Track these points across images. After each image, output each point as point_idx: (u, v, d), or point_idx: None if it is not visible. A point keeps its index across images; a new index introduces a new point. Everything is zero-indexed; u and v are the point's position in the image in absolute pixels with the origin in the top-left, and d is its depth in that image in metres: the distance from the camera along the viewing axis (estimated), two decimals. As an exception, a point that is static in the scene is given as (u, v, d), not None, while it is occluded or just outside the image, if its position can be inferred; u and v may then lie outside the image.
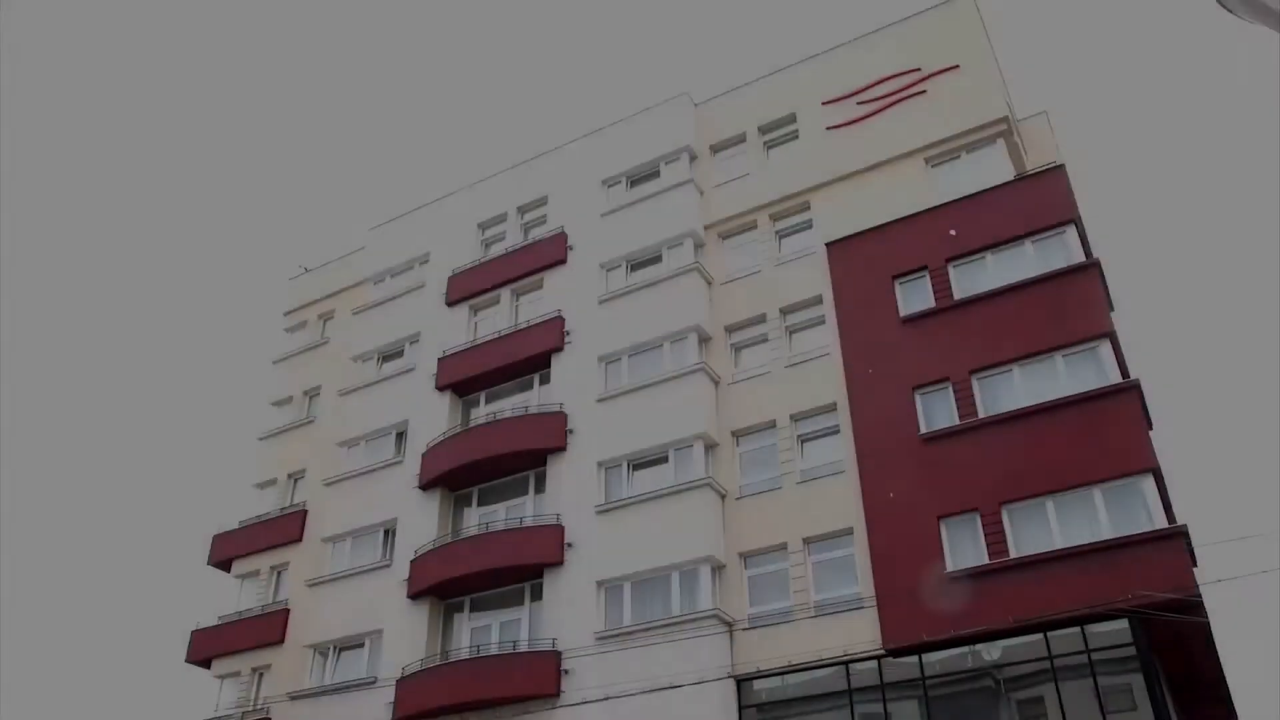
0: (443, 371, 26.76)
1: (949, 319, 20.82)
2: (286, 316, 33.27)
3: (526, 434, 24.21)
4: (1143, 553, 16.57)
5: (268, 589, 27.94)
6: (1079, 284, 19.76)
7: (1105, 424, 18.16)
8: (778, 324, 23.07)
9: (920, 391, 20.47)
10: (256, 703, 26.10)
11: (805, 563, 20.10)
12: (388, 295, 29.94)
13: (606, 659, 20.24)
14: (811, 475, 21.04)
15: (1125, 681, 16.73)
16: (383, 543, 25.65)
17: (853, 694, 18.65)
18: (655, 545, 21.15)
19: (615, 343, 24.41)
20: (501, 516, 24.37)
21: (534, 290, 27.18)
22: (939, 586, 18.10)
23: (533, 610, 22.70)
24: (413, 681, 22.24)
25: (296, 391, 31.12)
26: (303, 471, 29.27)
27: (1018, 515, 18.43)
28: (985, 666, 17.92)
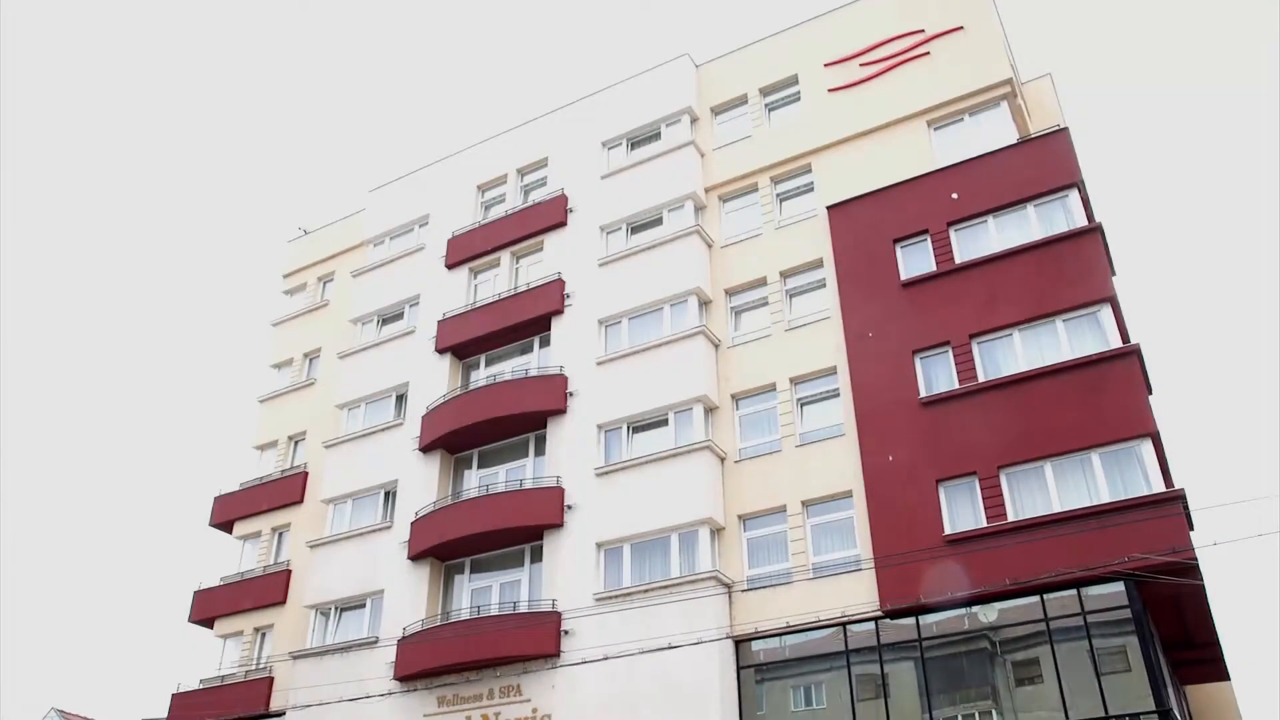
0: (442, 334, 26.76)
1: (950, 283, 20.79)
2: (285, 279, 33.21)
3: (526, 396, 24.25)
4: (1140, 516, 16.65)
5: (269, 550, 28.12)
6: (1081, 248, 19.70)
7: (1105, 389, 18.19)
8: (778, 287, 23.04)
9: (920, 355, 20.48)
10: (259, 662, 26.36)
11: (804, 525, 20.22)
12: (387, 257, 29.86)
13: (606, 620, 20.41)
14: (811, 438, 21.10)
15: (1120, 644, 16.88)
16: (383, 504, 25.78)
17: (850, 655, 18.83)
18: (655, 507, 21.26)
19: (615, 305, 24.39)
20: (501, 479, 24.47)
21: (534, 253, 27.10)
22: (937, 549, 18.21)
23: (533, 572, 22.86)
24: (414, 641, 22.44)
25: (296, 354, 31.13)
26: (303, 434, 29.36)
27: (1016, 479, 18.51)
28: (981, 629, 18.07)
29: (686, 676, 19.15)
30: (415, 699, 22.20)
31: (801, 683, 19.64)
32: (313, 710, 23.08)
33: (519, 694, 21.02)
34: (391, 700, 22.31)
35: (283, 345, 31.74)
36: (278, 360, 31.57)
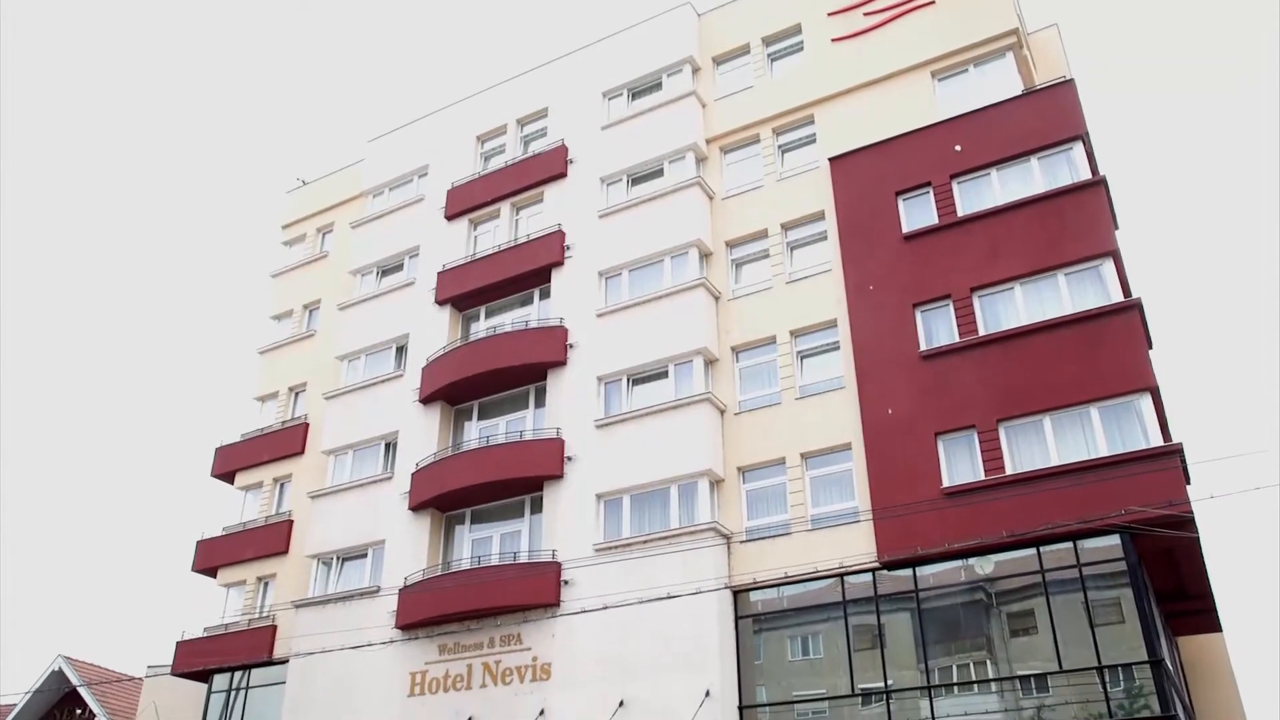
0: (442, 285, 26.69)
1: (952, 236, 20.69)
2: (284, 230, 33.03)
3: (526, 348, 24.26)
4: (1137, 470, 16.74)
5: (271, 500, 28.28)
6: (1084, 202, 19.59)
7: (1105, 343, 18.19)
8: (779, 239, 22.94)
9: (921, 308, 20.45)
10: (262, 610, 26.62)
11: (803, 477, 20.32)
12: (386, 209, 29.70)
13: (605, 570, 20.58)
14: (810, 391, 21.14)
15: (1114, 596, 17.05)
16: (384, 455, 25.88)
17: (847, 605, 19.02)
18: (654, 459, 21.35)
19: (615, 257, 24.30)
20: (502, 430, 24.55)
21: (534, 204, 26.95)
22: (935, 501, 18.32)
23: (533, 522, 23.01)
24: (415, 591, 22.66)
25: (296, 305, 31.07)
26: (304, 385, 29.40)
27: (1015, 432, 18.58)
28: (978, 580, 18.24)
29: (685, 627, 19.36)
30: (416, 647, 22.46)
31: (799, 633, 19.86)
32: (315, 658, 23.35)
33: (519, 643, 21.26)
34: (393, 648, 22.58)
35: (282, 297, 31.67)
36: (277, 312, 31.51)
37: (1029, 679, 17.28)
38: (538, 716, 20.10)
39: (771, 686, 19.39)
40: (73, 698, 31.55)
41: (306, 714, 23.26)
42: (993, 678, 17.64)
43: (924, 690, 17.79)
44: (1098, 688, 16.38)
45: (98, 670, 32.51)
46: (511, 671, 21.09)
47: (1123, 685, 16.41)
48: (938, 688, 17.78)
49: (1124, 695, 16.32)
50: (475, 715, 20.94)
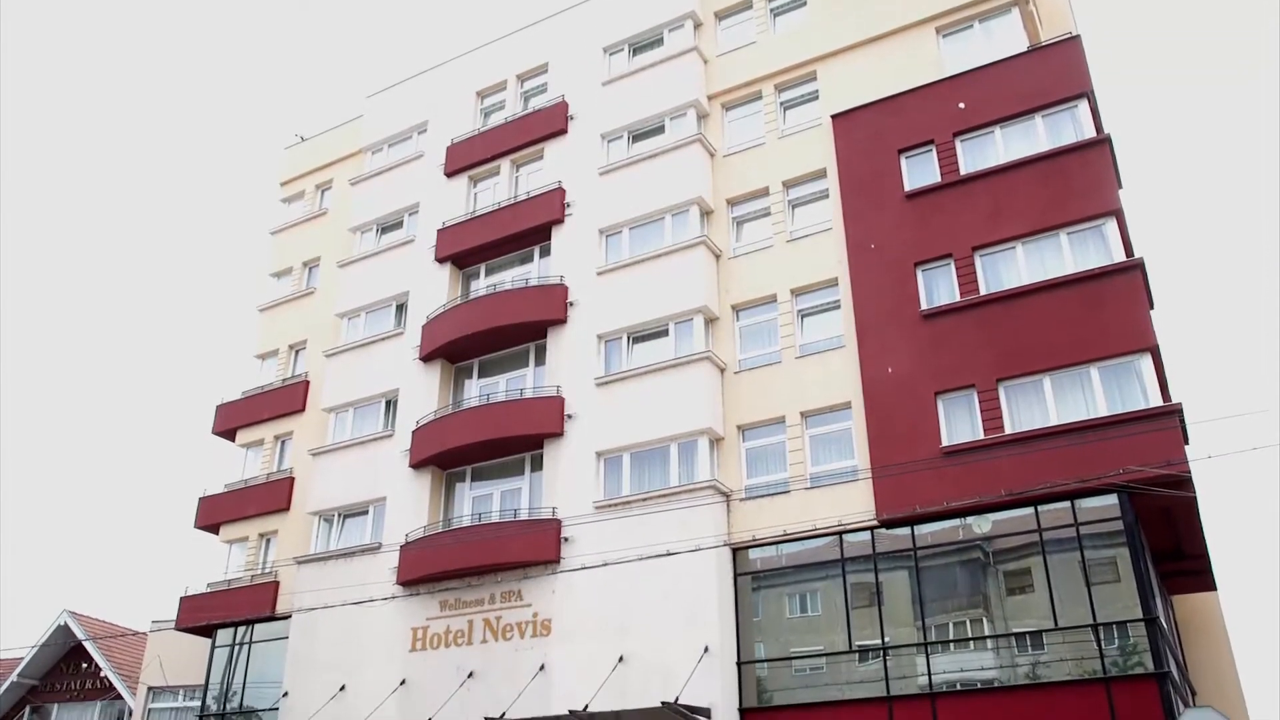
0: (442, 243, 26.58)
1: (954, 194, 20.57)
2: (283, 187, 32.82)
3: (527, 306, 24.20)
4: (1136, 430, 16.76)
5: (272, 458, 28.37)
6: (1088, 160, 19.44)
7: (1106, 303, 18.14)
8: (780, 197, 22.81)
9: (922, 267, 20.38)
10: (264, 567, 26.81)
11: (802, 436, 20.37)
12: (386, 165, 29.50)
13: (605, 527, 20.70)
14: (811, 350, 21.13)
15: (1111, 555, 17.15)
16: (384, 413, 25.93)
17: (845, 563, 19.15)
18: (654, 417, 21.39)
19: (616, 215, 24.18)
20: (502, 388, 24.58)
21: (534, 161, 26.76)
22: (933, 460, 18.37)
23: (533, 480, 23.11)
24: (416, 547, 22.80)
25: (295, 263, 30.95)
26: (303, 342, 29.37)
27: (1014, 392, 18.58)
28: (975, 539, 18.34)
29: (684, 583, 19.50)
30: (418, 603, 22.65)
31: (797, 590, 20.02)
32: (317, 613, 23.56)
33: (519, 599, 21.44)
34: (394, 604, 22.77)
35: (282, 254, 31.54)
36: (277, 269, 31.40)
37: (1024, 636, 17.45)
38: (538, 671, 20.31)
39: (769, 643, 19.58)
40: (78, 652, 31.93)
41: (309, 668, 23.52)
42: (989, 634, 17.81)
43: (920, 647, 17.96)
44: (1092, 645, 16.53)
45: (103, 625, 32.87)
46: (512, 627, 21.28)
47: (1117, 643, 16.56)
48: (934, 644, 17.94)
49: (1118, 652, 16.48)
50: (476, 670, 21.17)
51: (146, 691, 29.06)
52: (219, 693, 25.88)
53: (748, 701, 19.01)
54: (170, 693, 28.83)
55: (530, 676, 20.24)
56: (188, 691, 28.14)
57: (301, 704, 22.88)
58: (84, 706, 31.74)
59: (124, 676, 30.49)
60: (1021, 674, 17.22)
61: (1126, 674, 16.20)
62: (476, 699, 20.49)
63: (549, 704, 19.61)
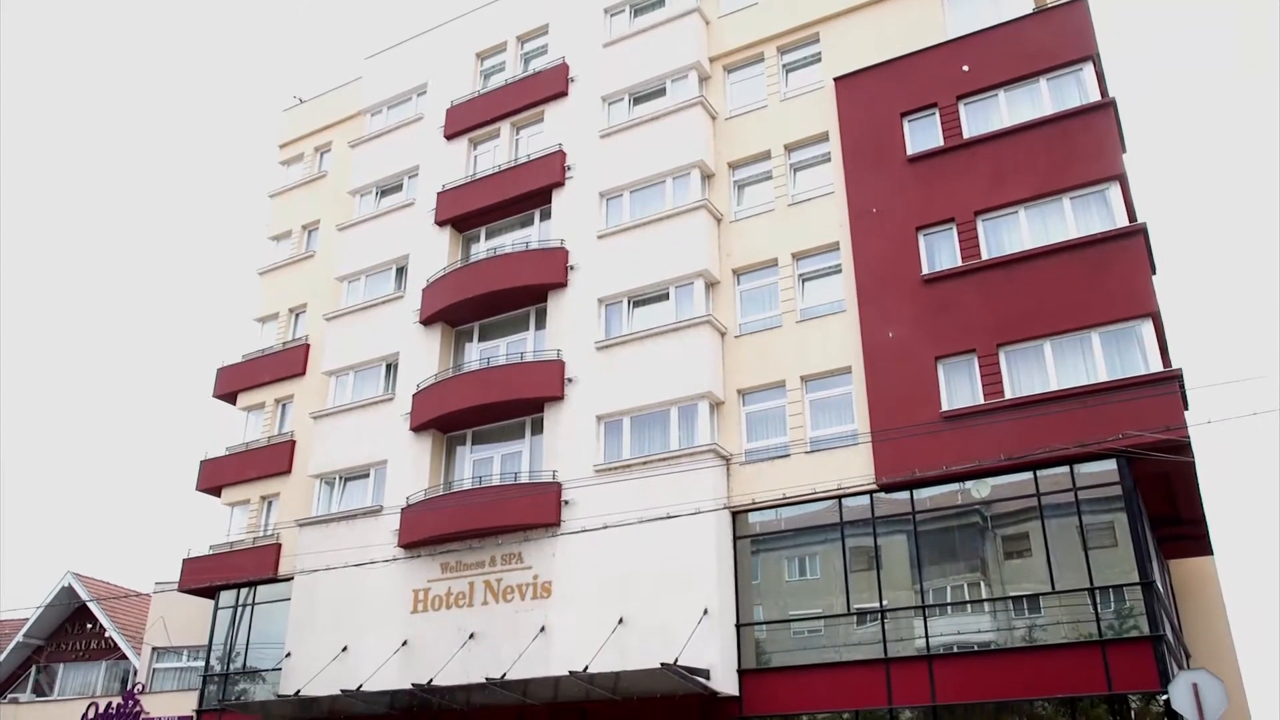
0: (442, 206, 26.46)
1: (957, 158, 20.44)
2: (282, 149, 32.63)
3: (527, 269, 24.14)
4: (1136, 395, 16.77)
5: (273, 421, 28.43)
6: (1092, 124, 19.30)
7: (1108, 268, 18.09)
8: (782, 161, 22.67)
9: (924, 232, 20.30)
10: (266, 529, 26.95)
11: (802, 400, 20.39)
12: (385, 128, 29.30)
13: (605, 490, 20.77)
14: (811, 314, 21.09)
15: (1108, 520, 17.22)
16: (385, 376, 25.95)
17: (844, 527, 19.24)
18: (654, 381, 21.41)
19: (617, 178, 24.05)
20: (502, 352, 24.57)
21: (534, 123, 26.57)
22: (933, 425, 18.40)
23: (533, 443, 23.16)
24: (417, 510, 22.91)
25: (295, 226, 30.83)
26: (304, 306, 29.33)
27: (1015, 357, 18.58)
28: (974, 503, 18.42)
29: (684, 547, 19.60)
30: (419, 565, 22.79)
31: (796, 554, 20.14)
32: (319, 575, 23.71)
33: (520, 561, 21.56)
34: (396, 566, 22.91)
35: (281, 217, 31.41)
36: (276, 232, 31.28)
37: (1021, 600, 17.57)
38: (538, 633, 20.47)
39: (768, 606, 19.72)
40: (83, 613, 32.18)
41: (311, 630, 23.71)
42: (986, 598, 17.92)
43: (918, 610, 18.09)
44: (1089, 608, 16.65)
45: (106, 586, 33.11)
46: (513, 589, 21.42)
47: (1113, 606, 16.68)
48: (931, 607, 18.07)
49: (1114, 616, 16.60)
50: (477, 632, 21.33)
51: (151, 652, 29.33)
52: (222, 653, 26.13)
53: (746, 663, 19.18)
54: (174, 653, 29.09)
55: (531, 638, 20.40)
56: (191, 652, 28.39)
57: (304, 664, 23.09)
58: (89, 666, 32.04)
59: (128, 637, 30.77)
60: (1018, 637, 17.35)
61: (1122, 637, 16.34)
62: (478, 660, 20.67)
63: (549, 665, 19.79)
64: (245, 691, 25.29)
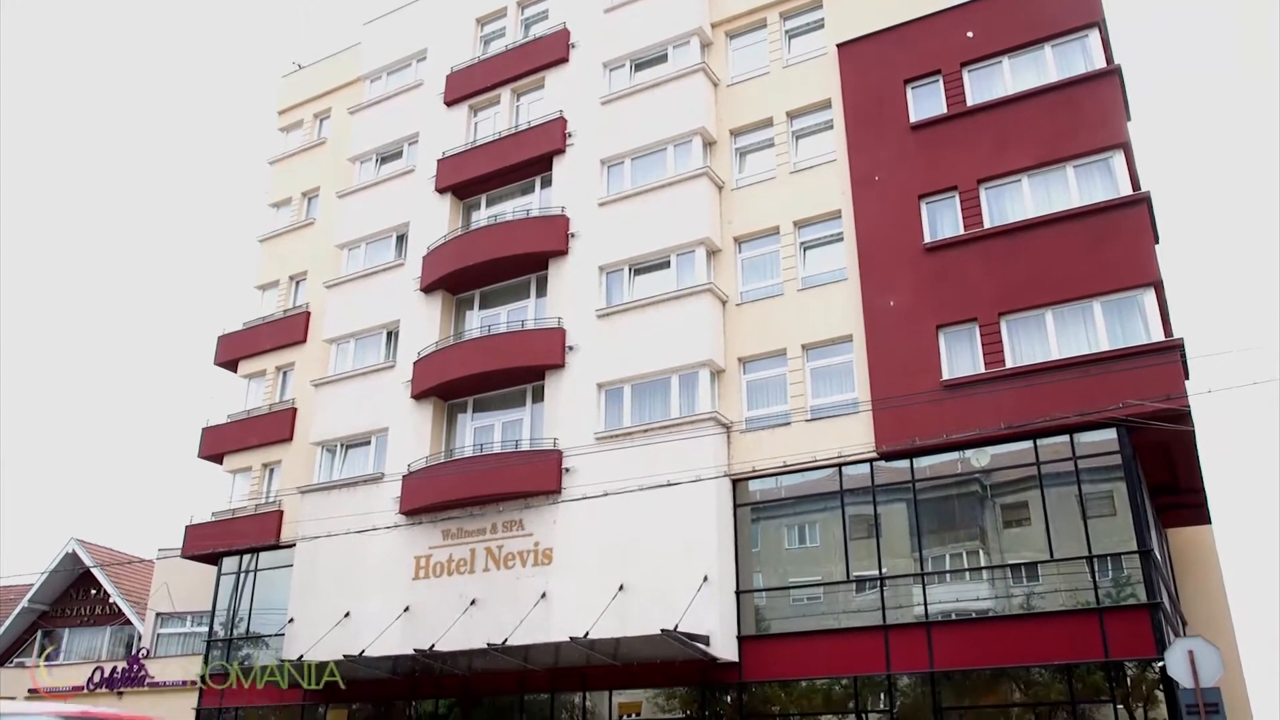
0: (442, 173, 26.33)
1: (960, 126, 20.31)
2: (281, 116, 32.40)
3: (528, 237, 24.07)
4: (1137, 364, 16.77)
5: (274, 388, 28.45)
6: (1097, 91, 19.16)
7: (1111, 237, 18.03)
8: (784, 128, 22.52)
9: (926, 200, 20.21)
10: (268, 496, 27.05)
11: (803, 369, 20.39)
12: (385, 94, 29.08)
13: (606, 458, 20.82)
14: (813, 282, 21.05)
15: (1108, 489, 17.28)
16: (385, 344, 25.93)
17: (844, 495, 19.30)
18: (655, 349, 21.40)
19: (618, 145, 23.90)
20: (503, 319, 24.54)
21: (535, 90, 26.37)
22: (934, 393, 18.41)
23: (534, 411, 23.18)
24: (418, 477, 22.98)
25: (295, 193, 30.69)
26: (304, 273, 29.25)
27: (1016, 326, 18.55)
28: (973, 472, 18.47)
29: (684, 514, 19.68)
30: (420, 532, 22.90)
31: (796, 522, 20.23)
32: (321, 542, 23.82)
33: (521, 528, 21.66)
34: (397, 533, 23.02)
35: (281, 184, 31.26)
36: (276, 199, 31.14)
37: (1019, 568, 17.66)
38: (539, 599, 20.60)
39: (768, 573, 19.84)
40: (87, 578, 32.39)
41: (314, 596, 23.85)
42: (985, 566, 18.02)
43: (917, 577, 18.19)
44: (1086, 576, 16.73)
45: (110, 553, 33.30)
46: (514, 556, 21.54)
47: (1111, 575, 16.77)
48: (930, 575, 18.17)
49: (1112, 584, 16.70)
50: (479, 598, 21.47)
51: (155, 617, 29.55)
52: (226, 619, 26.31)
53: (746, 630, 19.31)
54: (178, 618, 29.32)
55: (532, 604, 20.53)
56: (195, 617, 28.61)
57: (307, 630, 23.26)
58: (94, 631, 32.30)
59: (133, 603, 30.99)
60: (1016, 604, 17.46)
61: (1119, 604, 16.44)
62: (479, 626, 20.81)
63: (550, 631, 19.92)
64: (249, 656, 25.49)
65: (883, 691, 18.07)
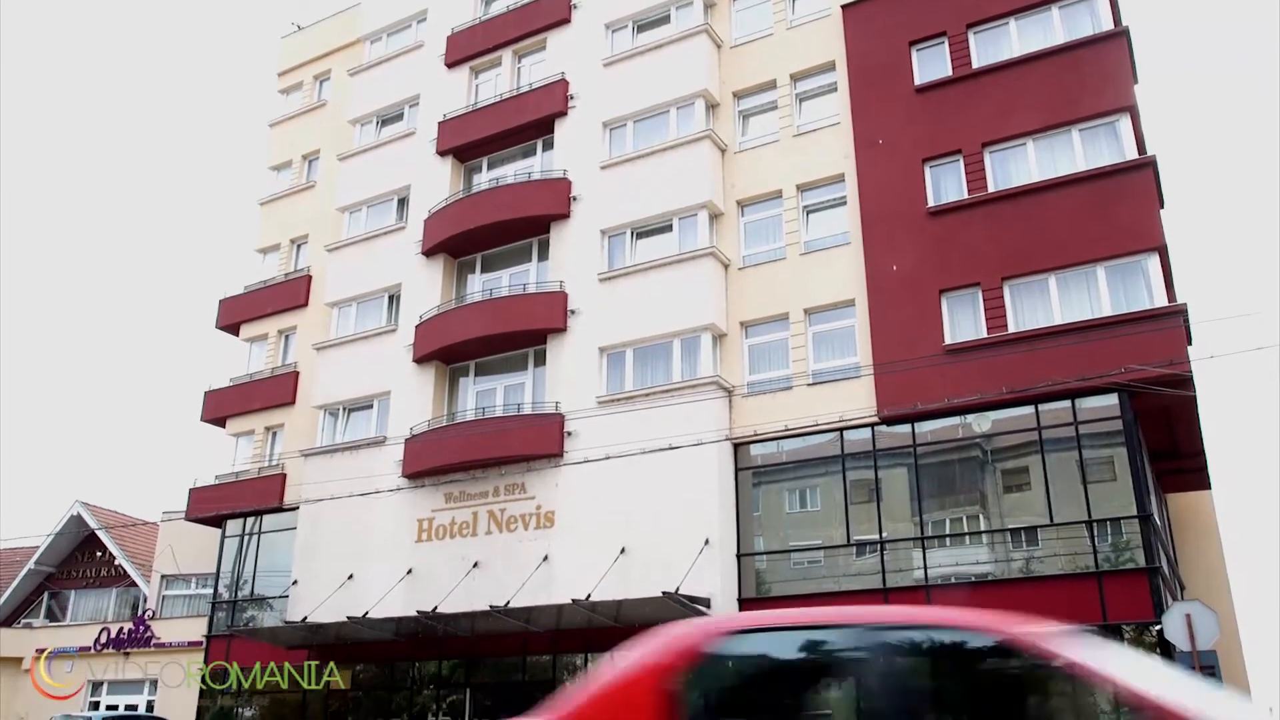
0: (443, 135, 26.16)
1: (966, 89, 20.12)
2: (280, 77, 32.13)
3: (529, 200, 23.96)
4: (1140, 330, 16.74)
5: (276, 352, 28.45)
6: (1105, 54, 18.97)
7: (1116, 201, 17.92)
8: (788, 91, 22.33)
9: (930, 164, 20.07)
10: (271, 459, 27.14)
11: (805, 333, 20.36)
12: (385, 55, 28.82)
13: (608, 421, 20.86)
14: (815, 247, 20.98)
15: (1108, 454, 17.31)
16: (387, 308, 25.89)
17: (845, 459, 19.35)
18: (657, 313, 21.37)
19: (620, 108, 23.72)
20: (505, 283, 24.48)
21: (536, 51, 26.13)
22: (936, 358, 18.40)
23: (536, 375, 23.19)
24: (420, 441, 23.04)
25: (295, 155, 30.50)
26: (305, 236, 29.15)
27: (1019, 290, 18.50)
28: (974, 437, 18.50)
29: (685, 477, 19.73)
30: (423, 495, 23.00)
31: (797, 486, 20.30)
32: (324, 505, 23.92)
33: (523, 491, 21.75)
34: (400, 496, 23.12)
35: (281, 146, 31.06)
36: (276, 162, 30.96)
37: (1019, 532, 17.74)
38: (541, 562, 20.73)
39: (769, 537, 19.93)
40: (92, 541, 32.61)
41: (317, 558, 24.00)
42: (985, 530, 18.10)
43: (917, 541, 18.27)
44: (1086, 541, 16.81)
45: (115, 515, 33.52)
46: (516, 519, 21.64)
47: (1110, 539, 16.84)
48: (930, 539, 18.25)
49: (1111, 548, 16.77)
50: (481, 561, 21.59)
51: (160, 579, 29.79)
52: (230, 581, 26.50)
53: (746, 592, 19.44)
54: (183, 580, 29.57)
55: (534, 567, 20.66)
56: (200, 579, 28.84)
57: (310, 592, 23.42)
58: (100, 593, 32.58)
59: (138, 565, 31.23)
60: (1015, 568, 17.56)
61: (1118, 569, 16.52)
62: (482, 588, 20.94)
63: (552, 594, 20.05)
64: (253, 618, 25.70)
65: (882, 654, 18.16)
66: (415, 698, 22.78)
